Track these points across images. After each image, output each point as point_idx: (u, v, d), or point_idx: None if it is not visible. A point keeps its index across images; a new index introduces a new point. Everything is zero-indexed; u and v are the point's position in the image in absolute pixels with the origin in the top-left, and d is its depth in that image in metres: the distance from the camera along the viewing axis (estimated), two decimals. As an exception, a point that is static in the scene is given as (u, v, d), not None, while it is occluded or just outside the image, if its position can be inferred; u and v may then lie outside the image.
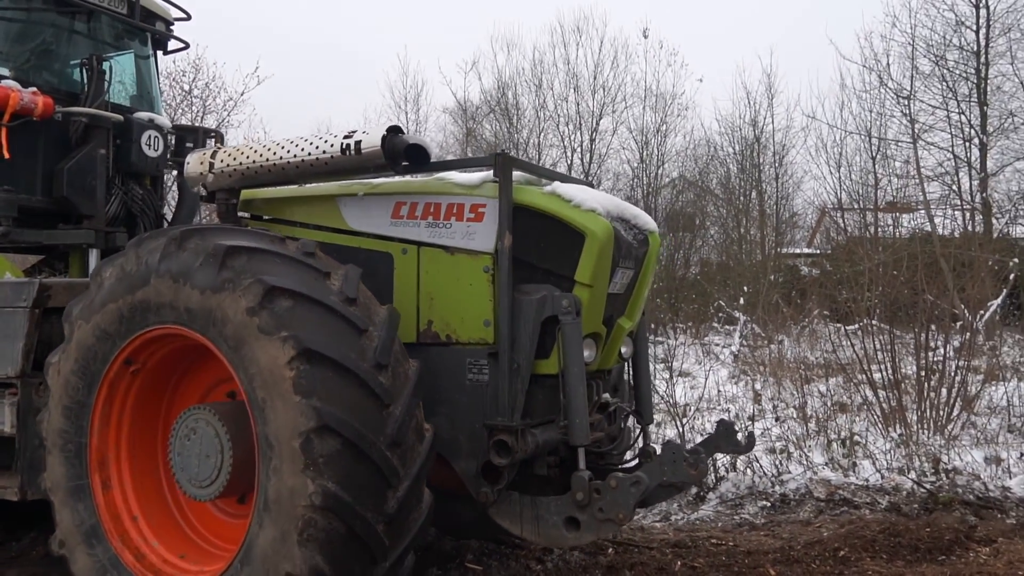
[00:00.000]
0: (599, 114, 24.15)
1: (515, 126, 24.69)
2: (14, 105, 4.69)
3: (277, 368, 3.05)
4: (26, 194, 4.94)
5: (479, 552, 4.72)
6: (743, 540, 5.09)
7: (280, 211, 4.20)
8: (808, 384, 9.62)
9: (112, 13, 5.48)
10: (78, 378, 3.66)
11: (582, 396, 3.42)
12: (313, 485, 2.94)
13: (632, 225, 3.84)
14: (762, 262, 21.39)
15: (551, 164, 24.36)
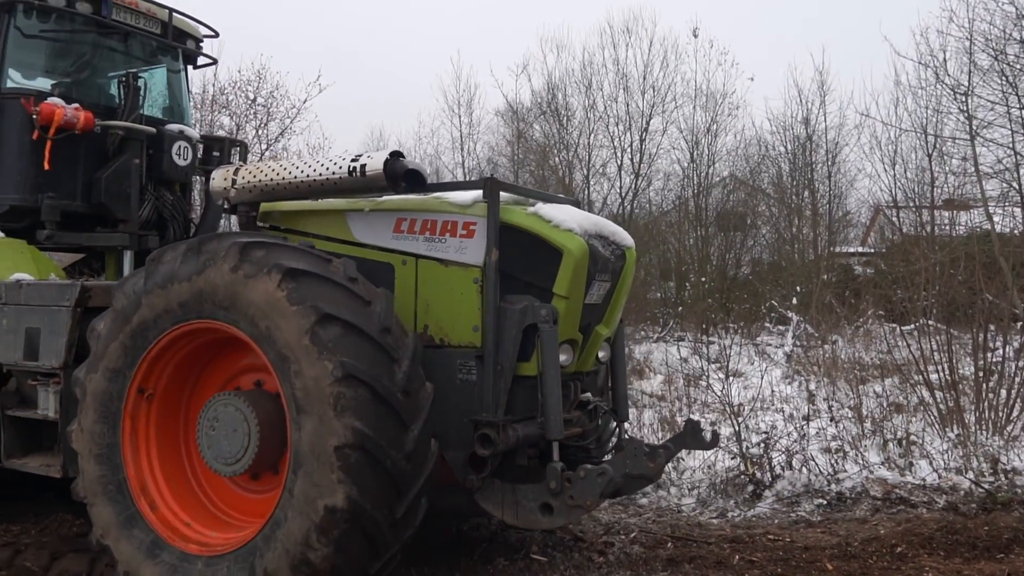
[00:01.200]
0: (649, 114, 24.10)
1: (565, 127, 24.79)
2: (58, 120, 5.17)
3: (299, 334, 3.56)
4: (68, 200, 5.46)
5: (543, 544, 4.90)
6: (800, 536, 5.19)
7: (295, 223, 4.64)
8: (863, 384, 9.61)
9: (147, 33, 5.95)
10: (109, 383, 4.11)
11: (557, 395, 3.87)
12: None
13: (610, 242, 4.27)
14: (815, 261, 21.18)
15: (601, 164, 24.45)
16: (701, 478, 6.45)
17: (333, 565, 3.46)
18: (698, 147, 23.56)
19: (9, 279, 4.93)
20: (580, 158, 24.35)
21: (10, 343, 4.79)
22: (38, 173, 5.30)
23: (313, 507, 3.45)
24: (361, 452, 3.45)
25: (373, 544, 3.57)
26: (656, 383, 11.86)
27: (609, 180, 24.47)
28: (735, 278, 22.79)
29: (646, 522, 5.63)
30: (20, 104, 5.28)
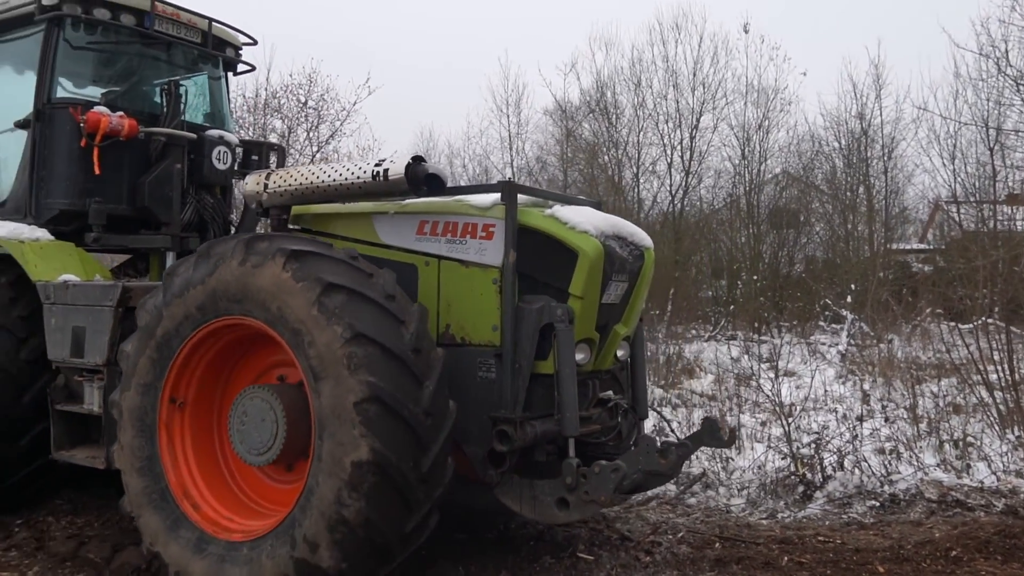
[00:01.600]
0: (699, 111, 23.88)
1: (614, 125, 24.70)
2: (104, 128, 5.38)
3: (307, 306, 3.75)
4: (113, 204, 5.65)
5: (590, 543, 4.92)
6: (851, 538, 5.12)
7: (325, 225, 4.80)
8: (919, 384, 9.41)
9: (188, 42, 6.15)
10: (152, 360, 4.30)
11: (573, 393, 3.93)
12: None
13: (629, 242, 4.35)
14: (870, 259, 20.76)
15: (651, 163, 24.28)
16: (751, 479, 6.39)
17: (367, 519, 3.55)
18: (749, 144, 23.29)
19: (57, 280, 5.16)
20: (629, 156, 24.25)
21: (58, 341, 5.07)
22: (86, 179, 5.52)
23: (340, 465, 3.56)
24: (379, 404, 3.55)
25: (404, 498, 3.65)
26: (707, 383, 11.76)
27: (659, 178, 24.33)
28: (788, 276, 22.45)
29: (694, 522, 5.60)
30: (69, 113, 5.49)
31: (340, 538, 3.55)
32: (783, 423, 6.80)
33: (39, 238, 5.48)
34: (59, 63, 5.65)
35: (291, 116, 14.01)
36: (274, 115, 13.96)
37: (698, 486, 6.33)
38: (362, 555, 3.61)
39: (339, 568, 3.58)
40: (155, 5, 5.83)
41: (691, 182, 23.82)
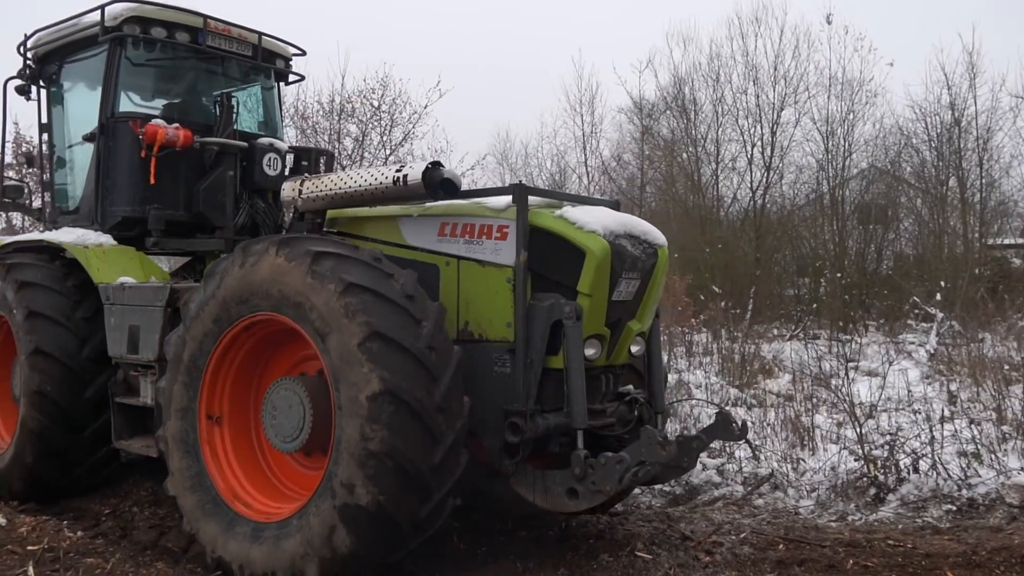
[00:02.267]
0: (780, 106, 23.31)
1: (692, 122, 24.37)
2: (161, 139, 5.71)
3: (330, 303, 4.01)
4: (171, 210, 6.00)
5: (649, 541, 4.91)
6: (923, 543, 4.96)
7: (357, 228, 5.04)
8: (1010, 385, 9.00)
9: (240, 56, 6.47)
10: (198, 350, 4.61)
11: (581, 387, 4.10)
12: None
13: (641, 241, 4.47)
14: (964, 254, 19.93)
15: (730, 159, 23.87)
16: (820, 480, 6.25)
17: (392, 447, 3.73)
18: (833, 137, 22.63)
19: (115, 282, 5.57)
20: (708, 153, 23.88)
21: (117, 338, 5.49)
22: (145, 187, 5.86)
23: (358, 403, 3.79)
24: (393, 399, 3.76)
25: (417, 487, 3.83)
26: (783, 383, 11.51)
27: (739, 174, 23.88)
28: (875, 273, 21.74)
29: (760, 523, 5.52)
30: (129, 126, 5.86)
31: (372, 472, 3.74)
32: (854, 424, 6.63)
33: (102, 243, 5.90)
34: (121, 79, 6.04)
35: (364, 120, 14.33)
36: (349, 120, 14.31)
37: (766, 487, 6.23)
38: (397, 487, 3.77)
39: (377, 501, 3.76)
40: (207, 22, 6.18)
41: (772, 178, 23.29)
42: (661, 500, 6.30)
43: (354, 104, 14.26)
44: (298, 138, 14.19)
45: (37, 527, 5.30)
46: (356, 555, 3.83)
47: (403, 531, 3.90)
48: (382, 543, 3.89)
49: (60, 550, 4.86)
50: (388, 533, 3.86)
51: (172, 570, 4.57)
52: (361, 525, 3.80)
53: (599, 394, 4.46)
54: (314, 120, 14.15)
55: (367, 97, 14.22)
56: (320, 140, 14.18)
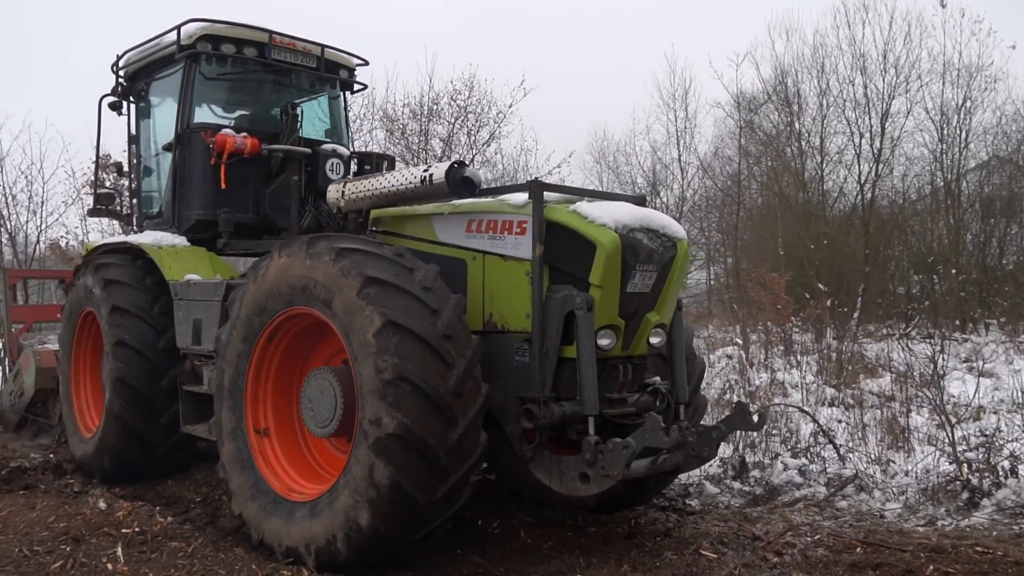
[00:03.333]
0: (890, 95, 22.31)
1: (796, 115, 23.60)
2: (229, 148, 6.12)
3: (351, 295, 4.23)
4: (240, 213, 6.38)
5: (717, 541, 4.80)
6: (1016, 551, 4.65)
7: (398, 227, 5.27)
8: None
9: (304, 68, 6.85)
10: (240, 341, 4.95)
11: (592, 374, 4.20)
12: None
13: (660, 234, 4.54)
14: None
15: (836, 151, 23.01)
16: (908, 482, 5.95)
17: (407, 429, 3.92)
18: (949, 126, 21.49)
19: (183, 279, 6.01)
20: (812, 146, 23.07)
21: (184, 331, 5.94)
22: (216, 192, 6.27)
23: (375, 389, 4.01)
24: (407, 384, 3.94)
25: (434, 468, 4.00)
26: (885, 382, 11.01)
27: (846, 167, 22.97)
28: (997, 269, 20.52)
29: (841, 525, 5.30)
30: (201, 136, 6.30)
31: (389, 453, 3.95)
32: (947, 425, 6.28)
33: (175, 244, 6.39)
34: (196, 93, 6.51)
35: (451, 121, 14.51)
36: (437, 121, 14.51)
37: (850, 489, 5.98)
38: (412, 467, 3.97)
39: (394, 481, 3.96)
40: (273, 37, 6.56)
41: (882, 171, 22.28)
42: (740, 500, 6.14)
43: (440, 105, 14.50)
44: (386, 139, 14.53)
45: (133, 512, 5.63)
46: (379, 532, 4.05)
47: (423, 509, 4.06)
48: (402, 520, 4.07)
49: (150, 533, 5.14)
50: (407, 510, 4.03)
51: (249, 555, 4.75)
52: (382, 503, 3.99)
53: (616, 383, 4.54)
54: (403, 123, 14.44)
55: (454, 98, 14.43)
56: (410, 141, 14.46)
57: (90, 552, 4.79)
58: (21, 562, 4.68)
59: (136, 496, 6.19)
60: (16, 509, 5.78)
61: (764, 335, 14.92)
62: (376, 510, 4.01)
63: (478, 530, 5.24)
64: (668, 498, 6.26)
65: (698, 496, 6.28)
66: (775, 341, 15.23)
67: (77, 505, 5.87)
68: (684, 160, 21.21)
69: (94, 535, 5.14)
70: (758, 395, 9.70)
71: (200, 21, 6.47)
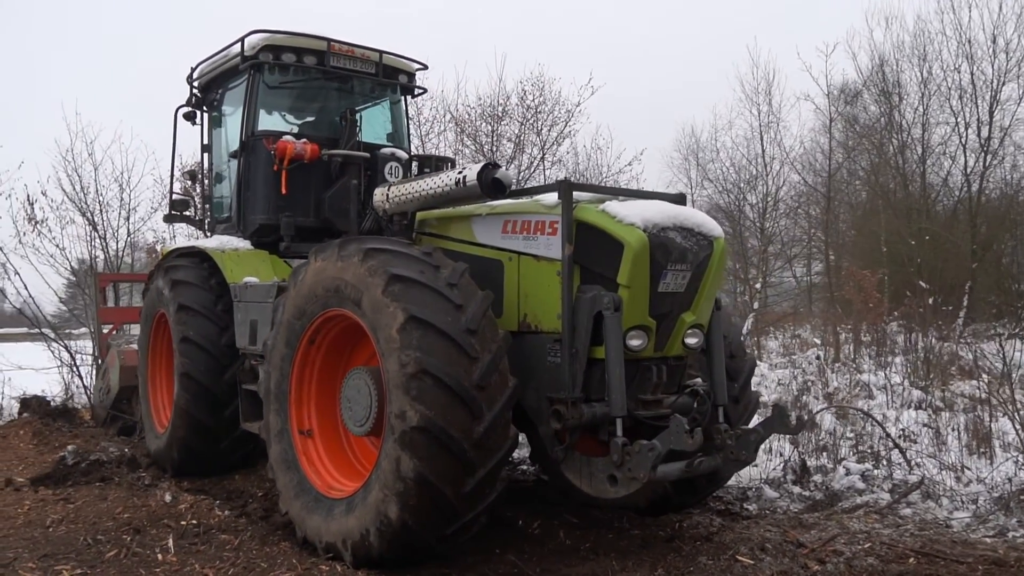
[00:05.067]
0: (1000, 81, 21.03)
1: (896, 105, 22.54)
2: (290, 154, 6.30)
3: (378, 293, 4.30)
4: (301, 217, 6.53)
5: (757, 546, 4.63)
6: (1088, 565, 4.31)
7: (442, 228, 5.36)
8: None
9: (363, 74, 6.99)
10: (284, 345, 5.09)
11: (620, 375, 4.13)
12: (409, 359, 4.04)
13: (695, 233, 4.43)
14: None
15: (939, 142, 21.86)
16: (981, 490, 5.59)
17: (430, 421, 3.94)
18: (1067, 112, 20.04)
19: (241, 281, 6.20)
20: (913, 137, 21.98)
21: (242, 331, 6.13)
22: (278, 196, 6.44)
23: (399, 383, 4.05)
24: (429, 377, 3.97)
25: (459, 462, 3.99)
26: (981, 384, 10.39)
27: (950, 159, 21.79)
28: None
29: (901, 534, 5.02)
30: (263, 143, 6.49)
31: (413, 445, 3.97)
32: (1017, 429, 5.88)
33: (238, 247, 6.63)
34: (260, 101, 6.73)
35: (521, 122, 14.49)
36: (507, 121, 14.53)
37: (916, 496, 5.67)
38: (437, 459, 3.97)
39: (420, 473, 3.97)
40: (331, 45, 6.72)
41: (990, 162, 21.02)
42: (799, 505, 5.92)
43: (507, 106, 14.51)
44: (457, 139, 14.66)
45: (194, 505, 5.86)
46: (408, 526, 4.06)
47: (451, 503, 4.05)
48: (431, 513, 4.06)
49: (205, 526, 5.34)
50: (434, 503, 4.03)
51: (293, 551, 4.86)
52: (410, 496, 4.01)
53: (650, 385, 4.45)
54: (474, 125, 14.52)
55: (523, 98, 14.43)
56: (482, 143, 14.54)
57: (145, 542, 5.01)
58: (83, 550, 4.93)
59: (201, 490, 6.43)
60: (90, 500, 6.11)
61: (855, 335, 14.35)
62: (404, 503, 4.04)
63: (518, 530, 5.21)
64: (725, 501, 6.10)
65: (756, 500, 6.09)
66: (868, 341, 14.62)
67: (145, 497, 6.14)
68: (769, 155, 20.55)
69: (154, 526, 5.37)
70: (836, 397, 9.33)
71: (263, 32, 6.68)
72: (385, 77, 7.13)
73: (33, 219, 11.23)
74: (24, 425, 8.94)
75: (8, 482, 6.68)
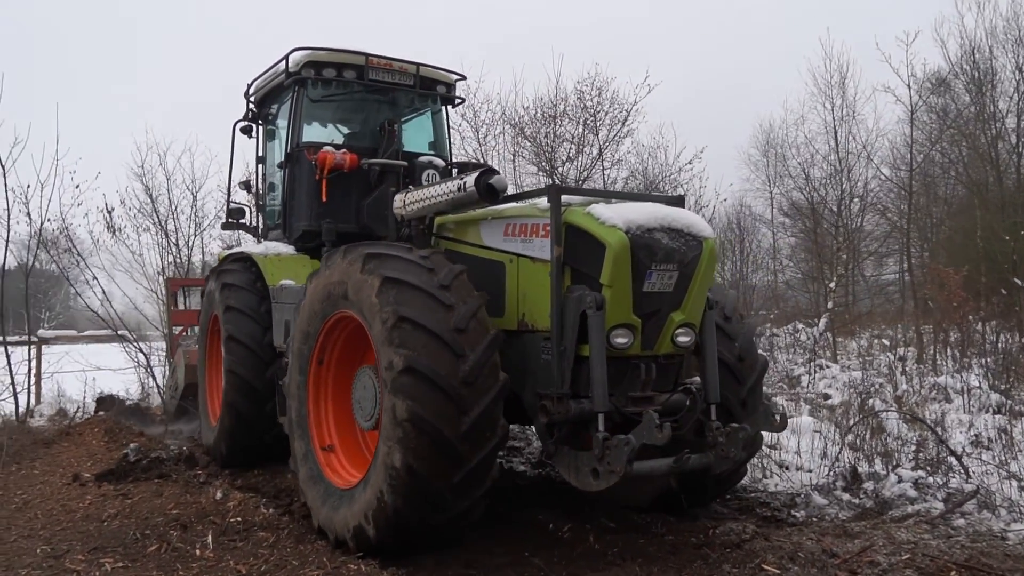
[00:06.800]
0: (1105, 63, 19.76)
1: (988, 94, 21.43)
2: (329, 163, 6.59)
3: (371, 295, 4.56)
4: (342, 223, 6.76)
5: (787, 556, 4.47)
6: None
7: (458, 232, 5.52)
8: None
9: (402, 86, 7.27)
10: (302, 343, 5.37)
11: (602, 372, 4.22)
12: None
13: (684, 234, 4.50)
14: None
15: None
16: (1041, 501, 5.27)
17: (416, 415, 4.13)
18: None
19: (278, 284, 6.57)
20: (1008, 127, 20.85)
21: (278, 331, 6.49)
22: (319, 204, 6.74)
23: (389, 380, 4.28)
24: (414, 374, 4.17)
25: (446, 454, 4.17)
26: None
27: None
28: None
29: (951, 545, 4.76)
30: (305, 154, 6.79)
31: (401, 437, 4.18)
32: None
33: (280, 252, 7.00)
34: (304, 114, 7.06)
35: (581, 121, 14.38)
36: (564, 123, 14.44)
37: (972, 506, 5.39)
38: (424, 451, 4.16)
39: (408, 464, 4.17)
40: (369, 59, 7.00)
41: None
42: (848, 513, 5.70)
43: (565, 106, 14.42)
44: (515, 141, 14.68)
45: (242, 503, 6.04)
46: (400, 513, 4.27)
47: (441, 493, 4.22)
48: (420, 502, 4.25)
49: (247, 523, 5.50)
50: (423, 493, 4.21)
51: (326, 549, 4.95)
52: (399, 486, 4.21)
53: (639, 382, 4.56)
54: (535, 126, 14.49)
55: (582, 99, 14.33)
56: (543, 144, 14.50)
57: (187, 538, 5.19)
58: (129, 544, 5.16)
59: (253, 488, 6.63)
60: (146, 496, 6.38)
61: (934, 335, 13.72)
62: (395, 492, 4.24)
63: (548, 533, 5.20)
64: (772, 508, 5.94)
65: (805, 507, 5.89)
66: (952, 342, 13.98)
67: (197, 494, 6.38)
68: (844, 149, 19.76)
69: (200, 522, 5.56)
70: (904, 400, 8.94)
71: (304, 49, 7.02)
72: (423, 88, 7.38)
73: (112, 227, 11.82)
74: (99, 423, 9.42)
75: (75, 477, 7.05)
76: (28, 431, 9.49)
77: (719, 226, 23.55)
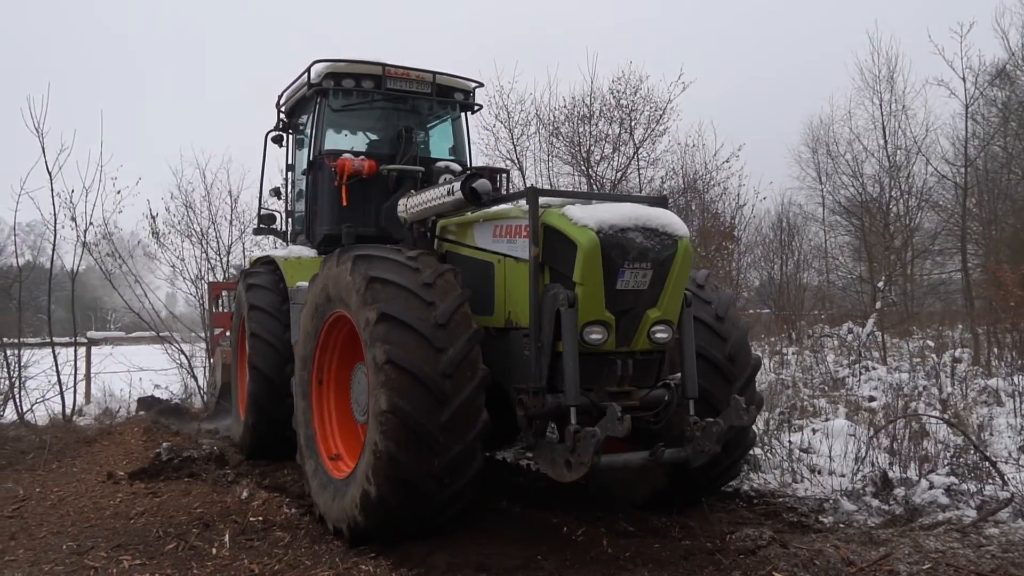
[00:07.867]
0: None
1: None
2: (348, 170, 6.84)
3: (356, 294, 4.82)
4: (362, 227, 6.95)
5: (800, 564, 4.35)
6: None
7: (457, 235, 5.70)
8: None
9: (420, 95, 7.46)
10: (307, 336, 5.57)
11: (573, 367, 4.32)
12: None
13: (659, 233, 4.58)
14: None
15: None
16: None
17: (395, 406, 4.31)
18: None
19: (295, 286, 6.75)
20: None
21: (295, 330, 6.56)
22: (340, 209, 6.98)
23: (373, 374, 4.52)
24: (394, 367, 4.36)
25: (424, 442, 4.36)
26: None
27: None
28: None
29: (980, 555, 4.58)
30: (326, 161, 7.01)
31: (383, 427, 4.38)
32: None
33: (302, 256, 7.22)
34: (326, 123, 7.29)
35: (614, 122, 14.22)
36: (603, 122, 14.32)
37: (1006, 514, 5.16)
38: (404, 440, 4.35)
39: (389, 452, 4.37)
40: (387, 69, 7.20)
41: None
42: (877, 520, 5.54)
43: (600, 105, 14.31)
44: (549, 143, 14.64)
45: (266, 502, 6.12)
46: (385, 501, 4.47)
47: (423, 481, 4.43)
48: (402, 491, 4.45)
49: (267, 523, 5.57)
50: (404, 482, 4.41)
51: (340, 550, 4.98)
52: (382, 474, 4.41)
53: (615, 377, 4.65)
54: (572, 126, 14.40)
55: (616, 97, 14.18)
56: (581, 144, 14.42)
57: (206, 537, 5.27)
58: (151, 542, 5.25)
59: (278, 487, 6.71)
60: (174, 495, 6.50)
61: (987, 336, 13.25)
62: (379, 481, 4.44)
63: (562, 535, 5.14)
64: (799, 513, 5.79)
65: (833, 513, 5.73)
66: (1007, 344, 13.49)
67: (224, 493, 6.47)
68: (893, 144, 19.22)
69: (222, 521, 5.64)
70: (949, 403, 8.63)
71: (325, 61, 7.25)
72: (441, 96, 7.52)
73: (156, 232, 12.14)
74: (138, 422, 9.65)
75: (109, 475, 7.22)
76: (73, 430, 9.78)
77: (766, 225, 23.12)
